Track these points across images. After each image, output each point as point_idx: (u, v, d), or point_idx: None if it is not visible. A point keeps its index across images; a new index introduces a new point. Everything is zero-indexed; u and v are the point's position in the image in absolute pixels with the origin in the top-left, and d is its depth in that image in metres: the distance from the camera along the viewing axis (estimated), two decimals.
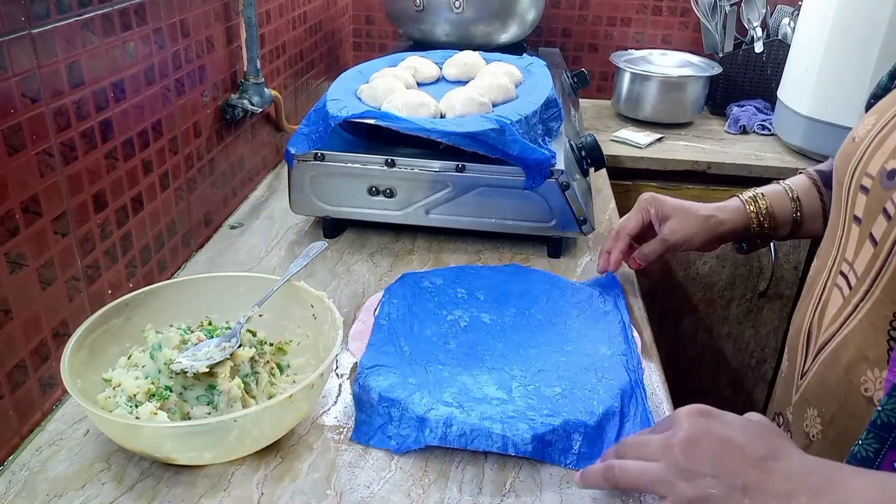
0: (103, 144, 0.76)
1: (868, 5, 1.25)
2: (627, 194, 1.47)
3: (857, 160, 0.60)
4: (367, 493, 0.63)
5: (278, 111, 1.26)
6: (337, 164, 0.98)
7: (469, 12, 1.38)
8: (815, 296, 0.63)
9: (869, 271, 0.56)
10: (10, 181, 0.63)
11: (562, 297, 0.88)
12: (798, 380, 0.64)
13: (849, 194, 0.60)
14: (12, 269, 0.64)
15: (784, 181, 0.88)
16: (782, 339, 1.59)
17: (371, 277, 0.96)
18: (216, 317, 0.74)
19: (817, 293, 0.63)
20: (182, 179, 0.96)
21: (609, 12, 1.76)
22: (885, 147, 0.57)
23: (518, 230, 1.01)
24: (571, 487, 0.64)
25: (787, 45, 1.52)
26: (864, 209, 0.58)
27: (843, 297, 0.59)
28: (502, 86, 1.04)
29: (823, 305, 0.62)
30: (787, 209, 0.85)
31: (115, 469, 0.64)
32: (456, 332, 0.80)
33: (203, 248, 1.03)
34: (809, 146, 1.42)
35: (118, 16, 0.77)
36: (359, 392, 0.71)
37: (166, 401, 0.64)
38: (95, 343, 0.68)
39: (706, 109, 1.68)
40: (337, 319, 0.70)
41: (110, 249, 0.80)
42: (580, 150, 1.06)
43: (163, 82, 0.88)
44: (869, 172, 0.58)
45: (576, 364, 0.75)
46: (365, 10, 1.80)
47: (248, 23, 1.07)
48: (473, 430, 0.65)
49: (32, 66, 0.64)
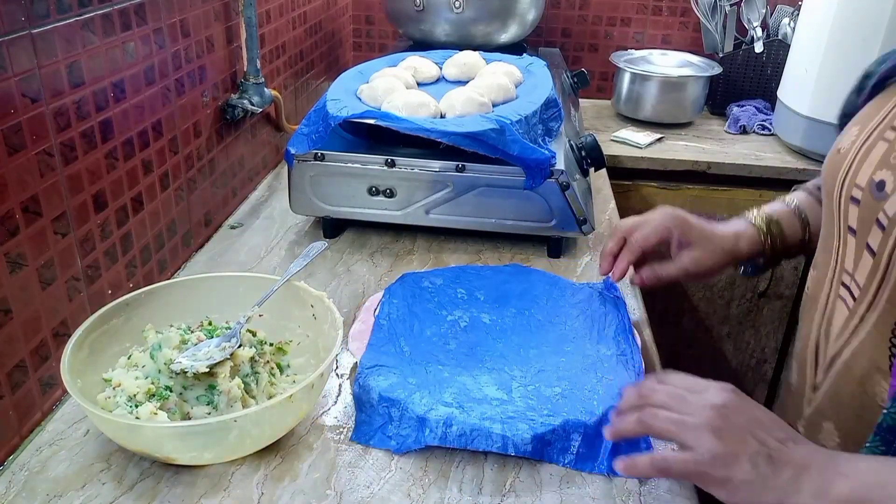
0: (103, 144, 0.76)
1: (868, 5, 1.25)
2: (627, 194, 1.47)
3: (844, 171, 0.60)
4: (367, 493, 0.63)
5: (278, 111, 1.26)
6: (337, 164, 0.98)
7: (469, 12, 1.38)
8: (820, 309, 0.63)
9: (871, 282, 0.56)
10: (10, 181, 0.63)
11: (562, 298, 0.88)
12: (810, 393, 0.63)
13: (840, 205, 0.61)
14: (12, 269, 0.64)
15: (793, 201, 0.83)
16: (782, 339, 1.59)
17: (371, 277, 0.96)
18: (216, 317, 0.74)
19: (821, 306, 0.63)
20: (182, 179, 0.96)
21: (609, 12, 1.76)
22: (871, 158, 0.58)
23: (518, 230, 1.01)
24: (571, 487, 0.64)
25: (787, 45, 1.52)
26: (858, 220, 0.58)
27: (849, 309, 0.59)
28: (502, 86, 1.04)
29: (829, 318, 0.61)
30: (797, 233, 0.82)
31: (115, 469, 0.64)
32: (456, 333, 0.80)
33: (203, 248, 1.03)
34: (809, 146, 1.42)
35: (118, 16, 0.77)
36: (359, 392, 0.71)
37: (166, 401, 0.64)
38: (95, 343, 0.68)
39: (706, 109, 1.68)
40: (337, 319, 0.70)
41: (110, 249, 0.80)
42: (580, 150, 1.06)
43: (163, 82, 0.88)
44: (858, 183, 0.58)
45: (576, 364, 0.75)
46: (365, 10, 1.80)
47: (248, 23, 1.07)
48: (473, 431, 0.65)
49: (32, 66, 0.64)
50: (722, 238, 0.81)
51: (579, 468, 0.66)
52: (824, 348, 0.62)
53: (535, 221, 0.99)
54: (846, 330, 0.59)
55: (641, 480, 0.65)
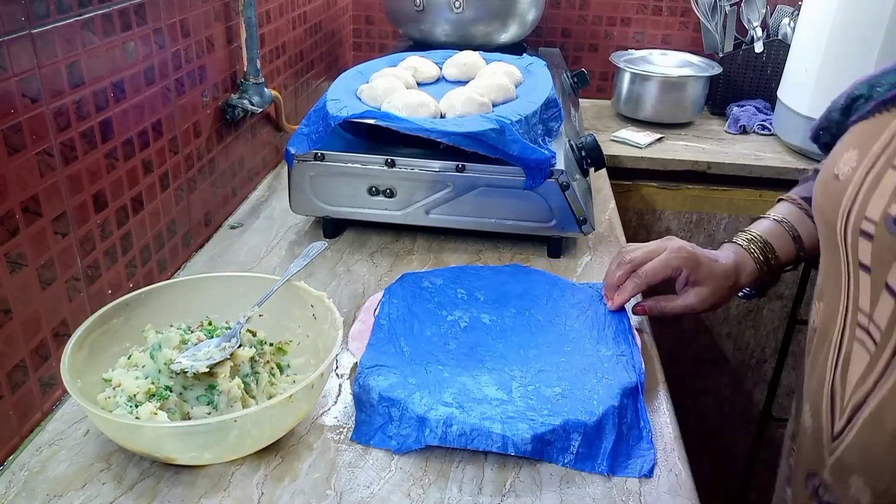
0: (103, 144, 0.76)
1: (868, 5, 1.25)
2: (627, 194, 1.48)
3: (849, 202, 0.56)
4: (367, 493, 0.63)
5: (278, 111, 1.26)
6: (337, 164, 0.98)
7: (469, 12, 1.38)
8: (833, 348, 0.58)
9: (894, 325, 0.52)
10: (10, 181, 0.63)
11: (562, 298, 0.87)
12: (830, 442, 0.59)
13: (846, 239, 0.56)
14: (12, 269, 0.64)
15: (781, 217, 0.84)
16: (782, 339, 1.59)
17: (371, 277, 0.96)
18: (216, 317, 0.74)
19: (834, 345, 0.58)
20: (182, 179, 0.96)
21: (609, 12, 1.76)
22: (882, 188, 0.53)
23: (518, 230, 1.01)
24: (571, 487, 0.64)
25: (787, 45, 1.52)
26: (873, 257, 0.53)
27: (870, 355, 0.54)
28: (502, 86, 1.04)
29: (846, 361, 0.57)
30: (791, 252, 0.83)
31: (115, 469, 0.64)
32: (456, 333, 0.80)
33: (203, 248, 1.03)
34: (809, 146, 1.42)
35: (118, 16, 0.77)
36: (359, 392, 0.71)
37: (166, 401, 0.64)
38: (95, 343, 0.68)
39: (706, 109, 1.68)
40: (337, 319, 0.70)
41: (110, 249, 0.80)
42: (580, 150, 1.06)
43: (163, 82, 0.88)
44: (869, 217, 0.53)
45: (576, 364, 0.75)
46: (365, 10, 1.80)
47: (248, 23, 1.07)
48: (473, 430, 0.65)
49: (32, 66, 0.64)
50: (726, 274, 0.82)
51: (579, 468, 0.66)
52: (841, 394, 0.57)
53: (535, 221, 0.99)
54: (869, 377, 0.54)
55: (641, 480, 0.65)
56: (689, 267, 0.81)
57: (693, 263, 0.81)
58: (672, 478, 0.66)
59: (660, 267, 0.81)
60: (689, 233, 1.52)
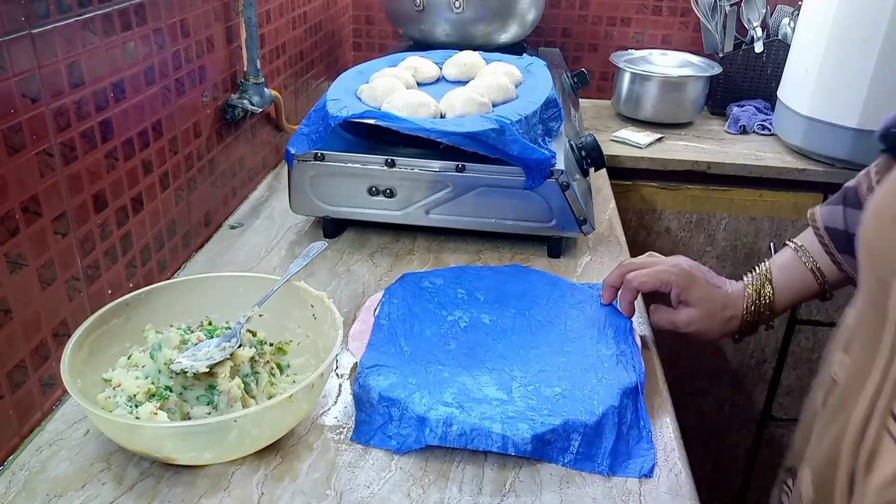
0: (103, 144, 0.76)
1: (868, 5, 1.25)
2: (627, 194, 1.47)
3: None
4: (367, 493, 0.63)
5: (278, 111, 1.26)
6: (337, 164, 0.98)
7: (469, 12, 1.38)
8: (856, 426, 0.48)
9: None
10: (10, 181, 0.63)
11: (562, 298, 0.87)
12: None
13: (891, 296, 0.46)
14: (12, 269, 0.64)
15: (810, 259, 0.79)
16: (782, 339, 1.59)
17: (371, 277, 0.96)
18: (216, 317, 0.74)
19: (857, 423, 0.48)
20: (182, 179, 0.96)
21: (609, 12, 1.76)
22: None
23: (518, 230, 1.01)
24: (571, 487, 0.64)
25: (787, 45, 1.52)
26: None
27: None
28: (502, 86, 1.04)
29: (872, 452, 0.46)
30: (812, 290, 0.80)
31: (115, 469, 0.64)
32: (456, 333, 0.80)
33: (203, 248, 1.03)
34: (809, 146, 1.42)
35: (118, 16, 0.77)
36: (359, 392, 0.71)
37: (166, 401, 0.64)
38: (95, 343, 0.68)
39: (706, 109, 1.68)
40: (337, 319, 0.70)
41: (110, 249, 0.80)
42: (580, 150, 1.06)
43: (163, 82, 0.88)
44: None
45: (576, 364, 0.75)
46: (365, 10, 1.80)
47: (248, 23, 1.07)
48: (473, 430, 0.65)
49: (32, 66, 0.64)
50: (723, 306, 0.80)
51: (579, 468, 0.66)
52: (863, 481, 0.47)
53: (535, 221, 0.99)
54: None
55: (641, 480, 0.65)
56: (679, 285, 0.79)
57: (685, 282, 0.79)
58: (672, 478, 0.66)
59: (650, 278, 0.81)
60: (689, 233, 1.52)
